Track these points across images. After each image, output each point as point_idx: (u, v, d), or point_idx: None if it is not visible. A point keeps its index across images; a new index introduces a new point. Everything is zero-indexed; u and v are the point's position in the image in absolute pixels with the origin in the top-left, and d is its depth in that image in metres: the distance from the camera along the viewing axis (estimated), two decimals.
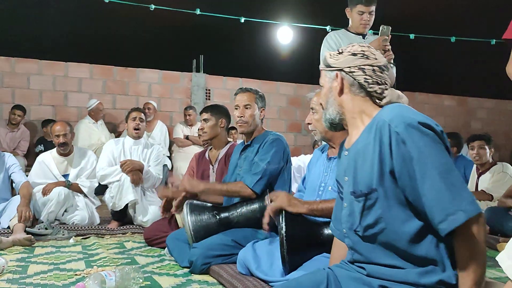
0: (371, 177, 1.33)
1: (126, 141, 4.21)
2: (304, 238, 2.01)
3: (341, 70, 1.47)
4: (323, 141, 2.29)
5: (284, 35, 6.68)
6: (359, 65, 1.44)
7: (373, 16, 3.02)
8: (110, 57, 6.99)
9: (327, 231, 1.99)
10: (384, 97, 1.43)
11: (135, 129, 4.12)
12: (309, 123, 2.22)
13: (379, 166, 1.31)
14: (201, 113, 3.34)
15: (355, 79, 1.45)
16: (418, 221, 1.30)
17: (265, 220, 2.10)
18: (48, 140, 5.93)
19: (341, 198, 1.54)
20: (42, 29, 6.49)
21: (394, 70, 3.03)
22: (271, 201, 2.11)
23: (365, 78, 1.43)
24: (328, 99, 1.52)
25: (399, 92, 1.49)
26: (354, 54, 1.46)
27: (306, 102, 7.95)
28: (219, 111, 3.29)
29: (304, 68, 3.11)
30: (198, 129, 3.32)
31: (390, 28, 2.92)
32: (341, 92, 1.47)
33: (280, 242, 1.95)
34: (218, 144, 3.34)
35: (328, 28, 5.85)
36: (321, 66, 1.57)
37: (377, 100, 1.44)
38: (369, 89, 1.43)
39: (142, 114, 4.21)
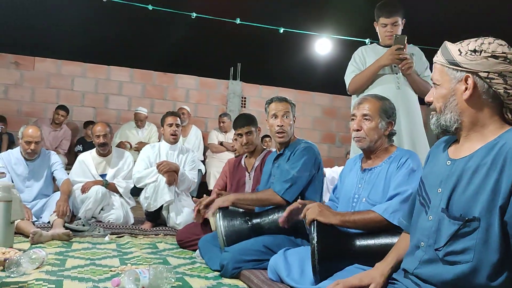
0: (476, 204, 1.21)
1: (162, 145, 4.28)
2: (335, 248, 2.01)
3: (474, 73, 1.26)
4: (362, 151, 2.25)
5: (323, 46, 6.69)
6: (501, 71, 1.22)
7: (399, 27, 2.98)
8: (150, 62, 7.19)
9: (359, 242, 1.99)
10: None
11: (172, 135, 4.19)
12: (358, 130, 2.14)
13: (491, 197, 1.18)
14: (239, 127, 3.36)
15: (491, 87, 1.24)
16: (509, 270, 1.20)
17: (284, 214, 2.13)
18: (88, 141, 6.15)
19: (421, 204, 1.43)
20: (87, 33, 6.74)
21: None
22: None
23: (505, 88, 1.23)
24: (447, 103, 1.33)
25: None
26: (495, 57, 1.24)
27: (341, 113, 7.98)
28: (254, 120, 3.40)
29: (341, 79, 3.09)
30: (243, 144, 3.36)
31: (406, 37, 2.89)
32: (469, 98, 1.28)
33: (312, 251, 1.95)
34: (256, 152, 3.41)
35: (367, 41, 5.82)
36: (440, 59, 1.38)
37: (509, 115, 1.25)
38: (507, 101, 1.23)
39: (178, 119, 4.26)
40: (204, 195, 3.23)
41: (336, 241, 2.03)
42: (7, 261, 2.34)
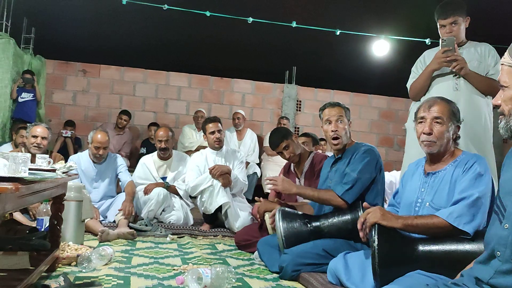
0: None
1: (208, 152, 4.30)
2: (397, 252, 1.98)
3: None
4: (427, 155, 2.20)
5: (380, 47, 6.56)
6: None
7: (460, 25, 2.89)
8: (207, 68, 7.37)
9: (422, 247, 1.94)
10: None
11: (215, 141, 4.19)
12: (429, 133, 2.08)
13: None
14: (274, 148, 3.44)
15: None
16: None
17: (361, 234, 2.05)
18: (151, 143, 6.39)
19: (495, 212, 1.40)
20: (148, 40, 7.03)
21: None
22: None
23: None
24: None
25: None
26: None
27: (399, 116, 7.79)
28: (285, 134, 3.43)
29: (399, 81, 3.03)
30: (288, 158, 3.42)
31: (454, 38, 2.79)
32: None
33: (372, 255, 1.93)
34: (303, 159, 3.44)
35: (427, 41, 5.66)
36: (508, 60, 1.35)
37: None
38: None
39: (219, 124, 4.23)
40: (261, 198, 3.26)
41: (398, 245, 1.99)
42: (79, 257, 2.49)
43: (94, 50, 7.15)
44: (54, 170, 2.08)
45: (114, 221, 3.86)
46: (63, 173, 2.11)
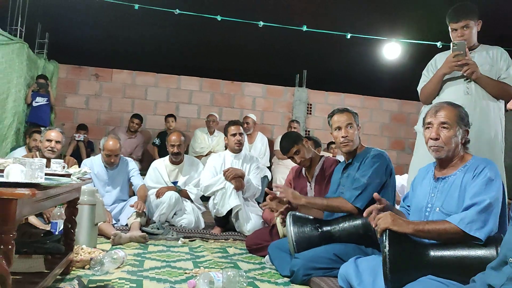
0: None
1: (226, 154, 4.36)
2: (408, 258, 1.98)
3: None
4: (436, 160, 2.20)
5: (391, 51, 6.54)
6: None
7: (471, 29, 2.88)
8: (218, 71, 7.42)
9: (433, 253, 1.94)
10: None
11: (236, 144, 4.25)
12: (436, 138, 2.08)
13: None
14: (285, 152, 3.44)
15: None
16: None
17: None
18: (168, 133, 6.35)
19: (510, 218, 1.40)
20: (159, 45, 7.09)
21: None
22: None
23: None
24: None
25: None
26: None
27: (411, 119, 7.76)
28: (295, 138, 3.43)
29: (410, 84, 3.03)
30: (299, 162, 3.43)
31: (465, 43, 2.78)
32: None
33: (383, 260, 1.93)
34: (314, 163, 3.45)
35: (439, 44, 5.64)
36: None
37: None
38: None
39: (241, 127, 4.31)
40: (274, 189, 3.26)
41: (409, 250, 1.99)
42: (92, 260, 2.53)
43: (107, 55, 7.24)
44: (69, 175, 2.11)
45: (127, 225, 3.90)
46: (78, 178, 2.14)
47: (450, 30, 2.96)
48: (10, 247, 1.37)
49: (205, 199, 4.54)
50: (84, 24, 6.34)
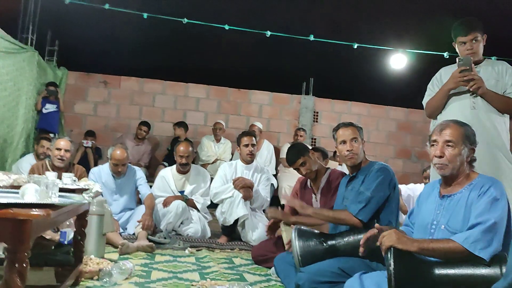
0: None
1: (238, 164, 4.43)
2: (412, 276, 1.99)
3: None
4: (442, 178, 2.22)
5: (398, 61, 6.57)
6: None
7: (480, 43, 2.89)
8: (225, 79, 7.46)
9: (438, 271, 1.96)
10: None
11: (248, 154, 4.33)
12: (441, 156, 2.09)
13: None
14: (291, 164, 3.45)
15: None
16: None
17: (361, 241, 2.12)
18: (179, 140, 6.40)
19: None
20: (167, 52, 7.16)
21: None
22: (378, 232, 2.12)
23: None
24: None
25: None
26: None
27: (417, 127, 7.75)
28: (302, 150, 3.44)
29: (417, 93, 3.05)
30: (304, 174, 3.45)
31: (470, 58, 2.79)
32: None
33: (388, 278, 1.95)
34: (320, 174, 3.46)
35: (446, 54, 5.66)
36: None
37: None
38: None
39: (253, 138, 4.39)
40: (279, 207, 3.30)
41: (414, 269, 2.01)
42: (101, 271, 2.57)
43: (115, 62, 7.31)
44: (80, 191, 2.16)
45: (134, 233, 3.94)
46: (89, 197, 2.19)
47: (457, 43, 2.97)
48: (24, 265, 1.41)
49: (212, 206, 4.58)
50: (93, 32, 6.41)
